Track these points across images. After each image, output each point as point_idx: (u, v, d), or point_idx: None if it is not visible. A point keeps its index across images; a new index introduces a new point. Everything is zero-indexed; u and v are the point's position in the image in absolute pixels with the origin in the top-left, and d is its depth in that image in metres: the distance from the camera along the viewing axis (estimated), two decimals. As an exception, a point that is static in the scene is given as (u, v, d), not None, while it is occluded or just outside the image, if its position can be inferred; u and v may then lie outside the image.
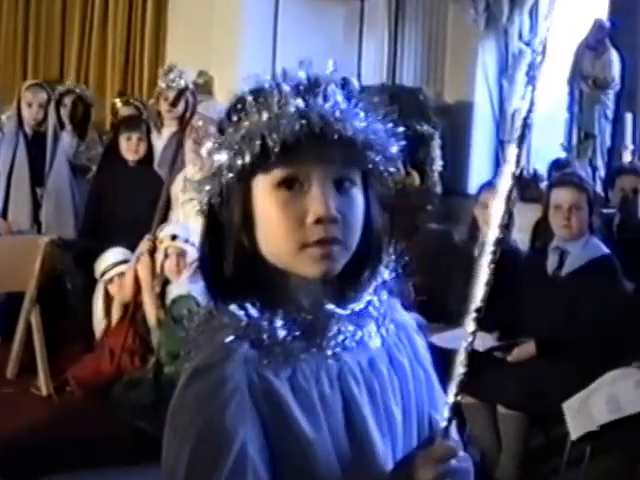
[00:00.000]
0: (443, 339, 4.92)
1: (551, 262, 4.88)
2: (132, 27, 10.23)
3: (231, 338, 1.42)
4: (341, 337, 1.46)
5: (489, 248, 1.35)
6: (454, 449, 1.39)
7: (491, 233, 1.35)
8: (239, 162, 1.41)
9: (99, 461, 4.44)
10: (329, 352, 1.45)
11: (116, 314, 5.66)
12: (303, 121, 1.38)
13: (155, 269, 5.49)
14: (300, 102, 1.40)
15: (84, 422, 4.98)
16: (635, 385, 4.33)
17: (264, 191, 1.42)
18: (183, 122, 7.10)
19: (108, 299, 5.72)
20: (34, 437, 4.77)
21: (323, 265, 1.42)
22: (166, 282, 5.44)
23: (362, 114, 1.44)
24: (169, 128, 7.25)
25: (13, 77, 10.77)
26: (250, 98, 1.43)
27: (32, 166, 6.66)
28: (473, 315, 1.37)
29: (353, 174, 1.45)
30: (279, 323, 1.42)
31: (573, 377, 4.44)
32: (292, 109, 1.39)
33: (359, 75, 8.85)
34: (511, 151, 1.34)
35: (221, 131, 1.46)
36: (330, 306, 1.46)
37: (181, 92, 7.15)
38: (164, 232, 5.52)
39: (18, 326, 5.80)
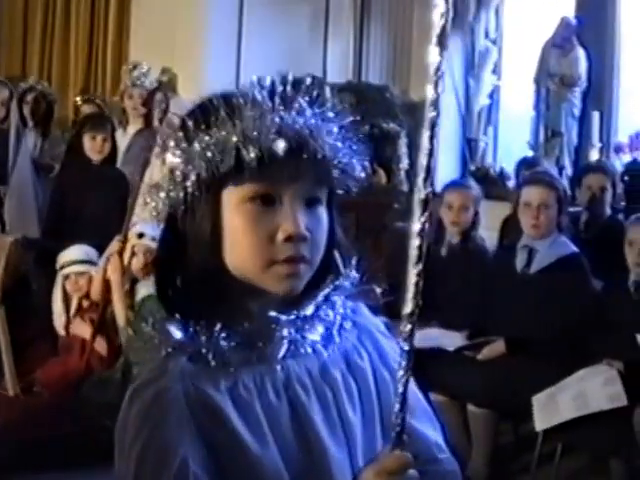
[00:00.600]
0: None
1: (520, 260, 4.91)
2: (95, 23, 10.19)
3: (166, 353, 1.41)
4: (286, 344, 1.43)
5: (412, 256, 1.30)
6: (407, 459, 1.33)
7: (412, 241, 1.29)
8: (210, 173, 1.38)
9: (67, 460, 4.42)
10: (275, 360, 1.43)
11: (74, 310, 5.61)
12: (279, 137, 1.35)
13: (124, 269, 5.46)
14: (276, 117, 1.36)
15: (52, 422, 4.95)
16: (604, 382, 4.36)
17: (234, 204, 1.40)
18: (149, 120, 7.08)
19: (67, 294, 5.66)
20: (1, 437, 4.74)
21: (289, 283, 1.41)
22: (134, 281, 5.39)
23: (335, 129, 1.42)
24: (134, 126, 7.21)
25: (-25, 74, 10.68)
26: (222, 105, 1.39)
27: (-7, 164, 6.58)
28: (408, 322, 1.33)
29: (321, 192, 1.44)
30: (219, 334, 1.40)
31: (543, 375, 4.47)
32: (268, 123, 1.36)
33: (324, 73, 8.84)
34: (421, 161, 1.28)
35: (187, 137, 1.41)
36: (273, 313, 1.43)
37: (153, 92, 7.14)
38: (131, 231, 5.47)
39: (-17, 327, 5.75)
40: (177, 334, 1.40)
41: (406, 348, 1.33)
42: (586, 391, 4.35)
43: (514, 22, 8.40)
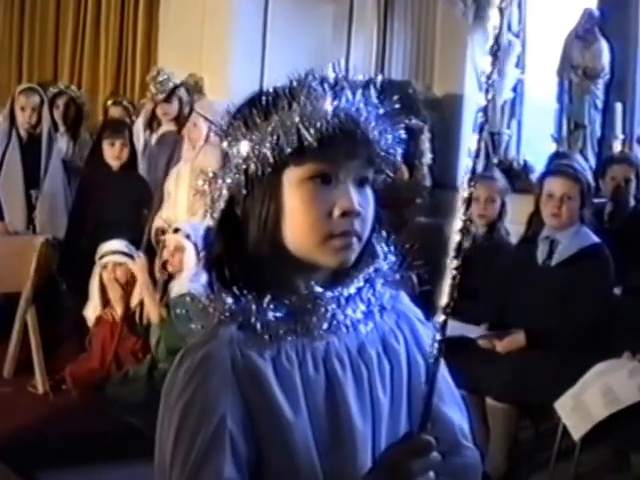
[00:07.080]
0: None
1: (541, 252, 4.88)
2: (124, 29, 10.27)
3: (219, 321, 1.50)
4: (328, 320, 1.52)
5: (452, 251, 1.40)
6: (432, 441, 1.40)
7: (453, 236, 1.40)
8: (274, 155, 1.47)
9: (94, 457, 4.49)
10: (316, 334, 1.51)
11: (111, 304, 5.70)
12: (335, 119, 1.45)
13: (154, 268, 5.57)
14: (331, 101, 1.47)
15: (79, 419, 5.05)
16: (629, 375, 4.32)
17: (294, 183, 1.48)
18: (179, 121, 7.14)
19: (103, 286, 5.75)
20: (31, 434, 4.82)
21: (343, 255, 1.50)
22: (169, 279, 5.49)
23: (380, 115, 1.51)
24: (166, 128, 7.28)
25: (8, 79, 10.92)
26: (281, 92, 1.49)
27: (26, 168, 6.65)
28: (443, 314, 1.40)
29: (370, 173, 1.54)
30: (267, 306, 1.49)
31: (563, 368, 4.45)
32: (325, 106, 1.46)
33: (347, 69, 8.83)
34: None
35: (247, 124, 1.50)
36: (319, 289, 1.51)
37: (173, 90, 7.18)
38: (170, 227, 5.59)
39: (14, 326, 5.88)
40: (230, 303, 1.49)
41: (438, 337, 1.41)
42: (613, 386, 4.30)
43: (537, 15, 8.31)
